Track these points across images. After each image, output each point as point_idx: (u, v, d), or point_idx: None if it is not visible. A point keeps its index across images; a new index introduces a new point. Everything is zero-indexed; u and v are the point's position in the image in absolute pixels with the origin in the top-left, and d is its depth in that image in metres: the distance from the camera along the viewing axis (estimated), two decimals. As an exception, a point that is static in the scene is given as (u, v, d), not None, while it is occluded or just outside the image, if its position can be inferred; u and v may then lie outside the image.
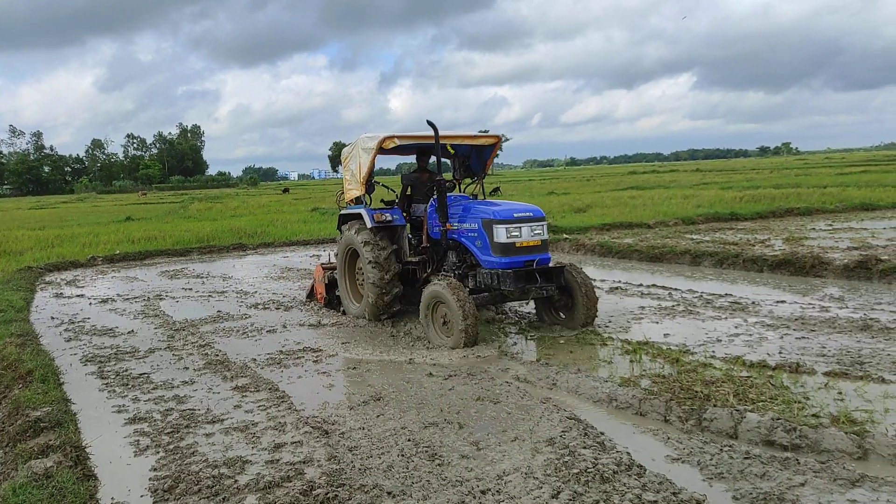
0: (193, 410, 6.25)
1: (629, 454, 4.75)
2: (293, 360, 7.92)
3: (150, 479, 4.84)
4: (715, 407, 5.41)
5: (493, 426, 5.48)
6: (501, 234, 8.03)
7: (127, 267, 17.87)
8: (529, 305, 9.89)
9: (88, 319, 10.83)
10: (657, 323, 8.83)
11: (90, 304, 12.34)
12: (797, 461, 4.59)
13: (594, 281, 10.61)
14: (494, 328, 8.91)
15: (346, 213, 10.23)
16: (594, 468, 4.48)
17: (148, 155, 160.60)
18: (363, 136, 9.56)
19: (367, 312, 9.52)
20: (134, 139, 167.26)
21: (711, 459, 4.71)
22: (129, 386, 7.13)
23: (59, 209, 55.50)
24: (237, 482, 4.69)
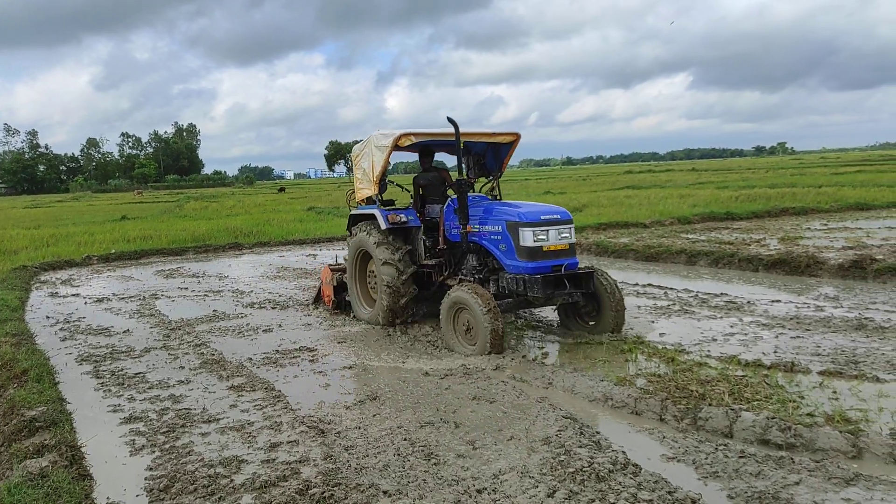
0: (189, 410, 6.24)
1: (625, 453, 4.76)
2: (289, 359, 7.92)
3: (145, 478, 4.83)
4: (710, 406, 5.42)
5: (488, 425, 5.48)
6: (528, 237, 7.65)
7: (122, 266, 17.83)
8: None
9: (84, 319, 10.81)
10: (653, 322, 8.85)
11: (85, 303, 12.31)
12: (792, 460, 4.60)
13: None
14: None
15: (357, 213, 9.92)
16: (590, 467, 4.49)
17: (143, 154, 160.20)
18: (376, 133, 9.24)
19: (380, 317, 9.12)
20: (129, 138, 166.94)
21: (707, 458, 4.72)
22: (124, 385, 7.12)
23: (54, 208, 55.36)
24: (233, 482, 4.68)
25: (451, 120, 8.14)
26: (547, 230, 7.71)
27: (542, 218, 7.74)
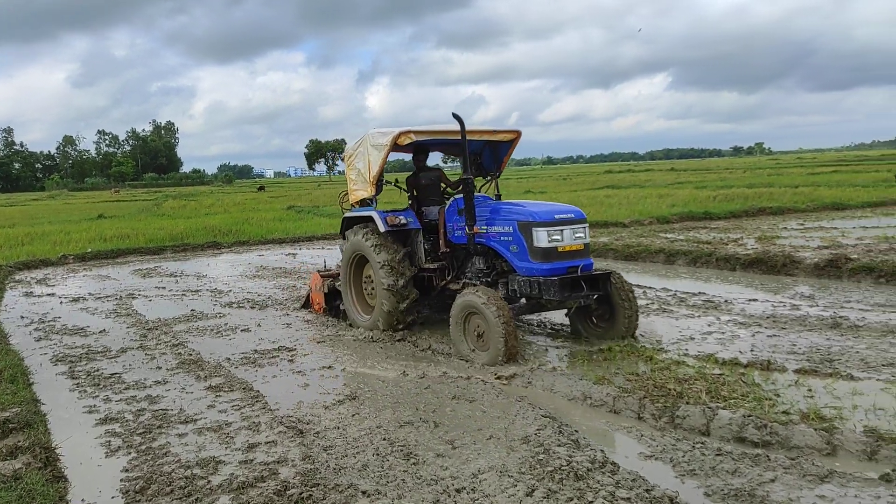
0: (166, 410, 6.19)
1: (603, 452, 4.78)
2: (268, 359, 7.87)
3: (121, 480, 4.79)
4: (688, 404, 5.46)
5: (468, 425, 5.49)
6: (542, 237, 7.27)
7: (99, 265, 17.64)
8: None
9: (59, 319, 10.68)
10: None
11: (61, 303, 12.17)
12: (768, 457, 4.65)
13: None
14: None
15: (351, 216, 9.41)
16: (568, 466, 4.50)
17: (121, 152, 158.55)
18: (372, 131, 8.81)
19: (380, 322, 8.64)
20: (106, 136, 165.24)
21: (684, 456, 4.76)
22: (100, 386, 7.04)
23: (29, 207, 54.66)
24: (210, 483, 4.65)
25: (456, 116, 7.76)
26: (561, 230, 7.35)
27: (556, 217, 7.40)
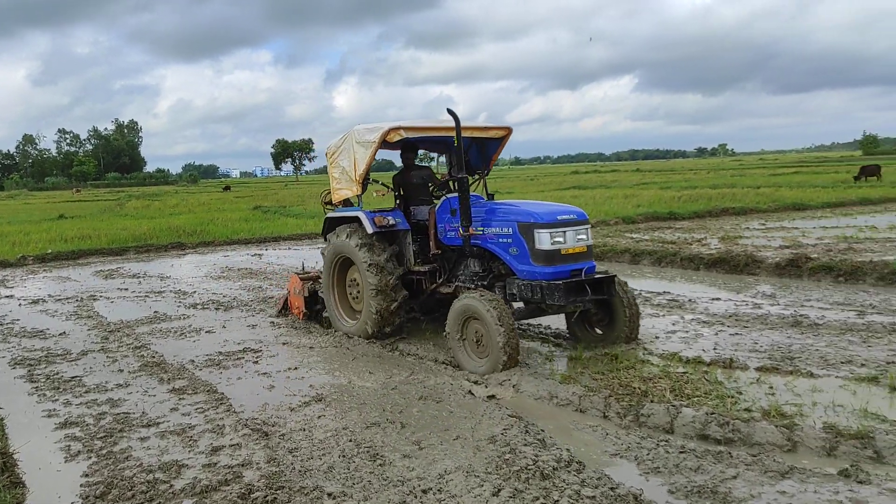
0: (128, 414, 6.09)
1: (569, 451, 4.81)
2: (233, 361, 7.79)
3: (81, 485, 4.69)
4: (652, 403, 5.52)
5: (435, 425, 5.48)
6: (544, 239, 6.94)
7: (59, 267, 17.31)
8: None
9: (18, 321, 10.45)
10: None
11: (20, 305, 11.90)
12: (730, 454, 4.72)
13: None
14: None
15: (335, 216, 9.04)
16: (534, 465, 4.52)
17: (82, 151, 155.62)
18: (358, 127, 8.40)
19: (368, 326, 8.24)
20: (67, 134, 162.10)
21: (648, 454, 4.80)
22: (60, 389, 6.91)
23: (-13, 207, 53.39)
24: (173, 487, 4.58)
25: (451, 112, 7.37)
26: (564, 231, 7.04)
27: (558, 218, 7.09)
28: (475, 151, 8.99)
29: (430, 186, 9.02)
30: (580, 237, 7.19)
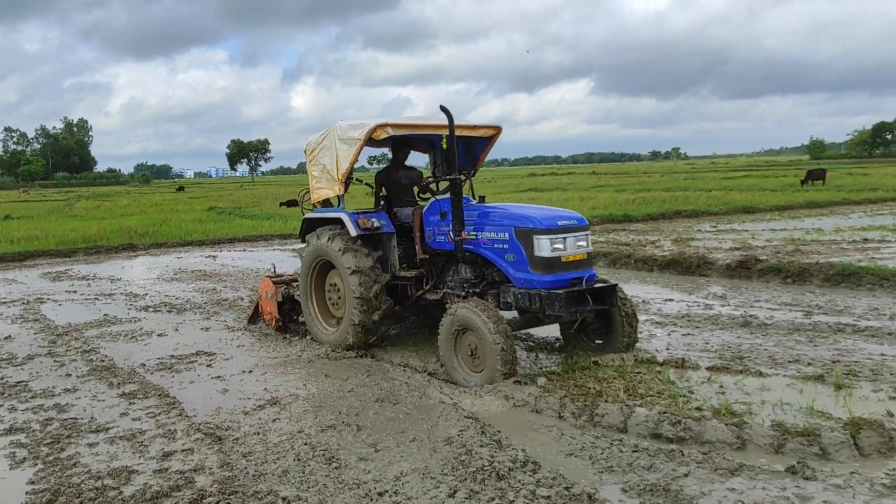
0: (76, 419, 5.94)
1: (524, 451, 4.84)
2: (185, 364, 7.66)
3: (27, 493, 4.57)
4: (607, 403, 5.58)
5: (391, 427, 5.46)
6: (544, 246, 6.55)
7: (5, 268, 16.84)
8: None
9: (-40, 325, 10.12)
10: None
11: (-38, 308, 11.53)
12: (681, 452, 4.79)
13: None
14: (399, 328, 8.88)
15: (314, 217, 8.53)
16: (490, 466, 4.54)
17: (30, 150, 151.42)
18: (340, 123, 7.98)
19: (350, 336, 7.74)
20: (14, 133, 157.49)
21: (602, 453, 4.86)
22: (4, 395, 6.71)
23: (-72, 206, 51.62)
24: (122, 493, 4.48)
25: (444, 109, 7.01)
26: (564, 238, 6.66)
27: (559, 224, 6.70)
28: (462, 151, 8.41)
29: (416, 188, 8.54)
30: (580, 244, 6.82)
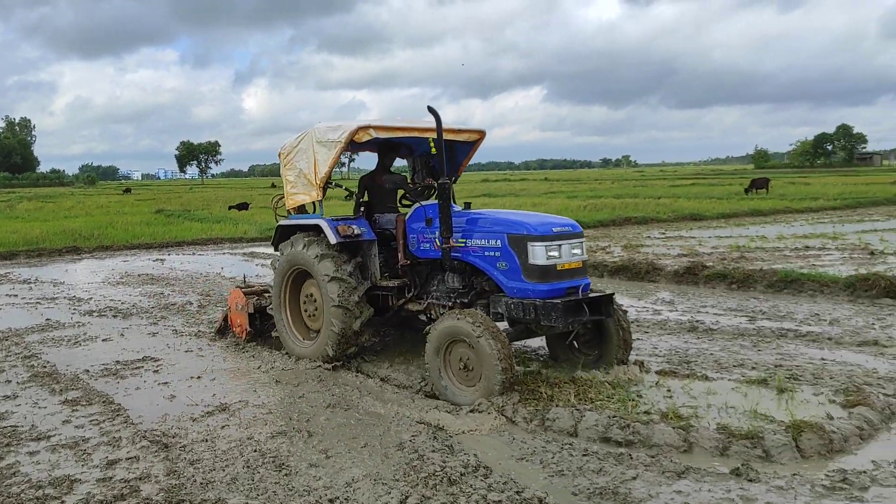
0: (15, 427, 5.76)
1: (476, 456, 4.86)
2: (131, 370, 7.49)
3: (-39, 504, 4.41)
4: (558, 407, 5.63)
5: (343, 433, 5.43)
6: (539, 253, 6.27)
7: (-60, 271, 16.22)
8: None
9: None
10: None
11: None
12: (630, 456, 4.87)
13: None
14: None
15: (289, 224, 8.09)
16: (442, 471, 4.55)
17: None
18: (319, 125, 7.60)
19: (329, 347, 7.32)
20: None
21: (553, 458, 4.90)
22: (-61, 403, 6.46)
23: None
24: (64, 503, 4.36)
25: (431, 110, 6.70)
26: (560, 245, 6.39)
27: (554, 230, 6.45)
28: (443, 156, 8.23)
29: (401, 193, 8.22)
30: (575, 251, 6.56)
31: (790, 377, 6.44)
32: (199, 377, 7.18)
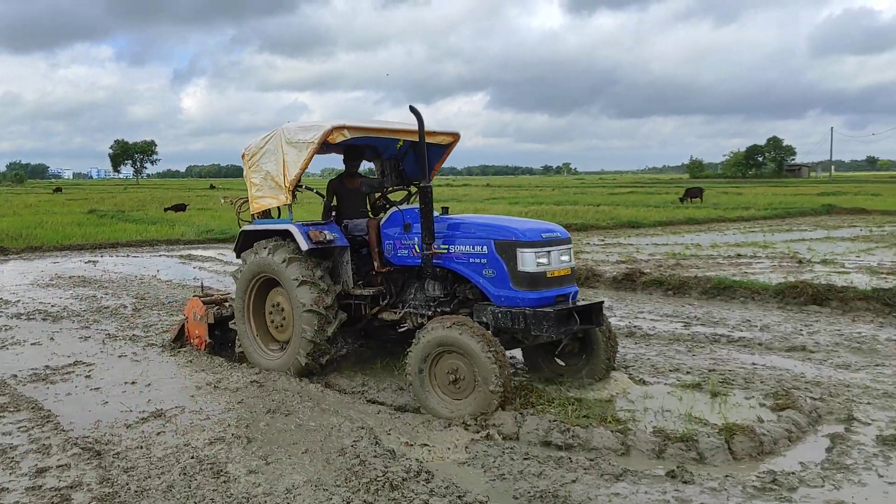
0: (-64, 435, 5.51)
1: (418, 461, 4.86)
2: (61, 375, 7.25)
3: None
4: (500, 411, 5.67)
5: (283, 439, 5.36)
6: (529, 260, 6.06)
7: None
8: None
9: None
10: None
11: None
12: (570, 459, 4.94)
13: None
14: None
15: (253, 230, 7.65)
16: (384, 476, 4.53)
17: None
18: (288, 125, 7.26)
19: (300, 357, 6.91)
20: None
21: (495, 461, 4.94)
22: None
23: None
24: (-11, 514, 4.20)
25: (413, 110, 6.47)
26: (548, 251, 6.19)
27: (543, 236, 6.24)
28: (412, 159, 7.84)
29: (377, 197, 7.91)
30: (563, 258, 6.37)
31: (723, 381, 6.64)
32: (133, 382, 6.99)
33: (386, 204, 7.74)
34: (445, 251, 6.54)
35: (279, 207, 7.55)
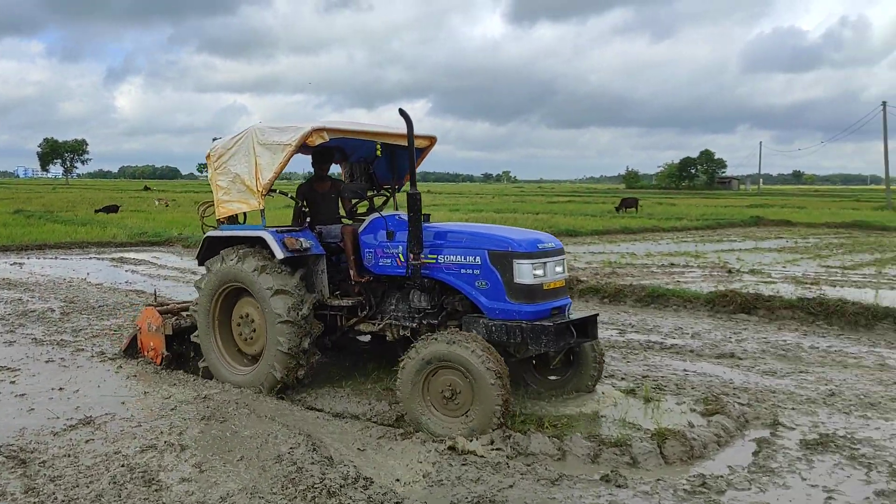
0: None
1: (356, 467, 4.84)
2: (-16, 381, 6.96)
3: None
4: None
5: (218, 446, 5.27)
6: (525, 271, 5.85)
7: None
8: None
9: None
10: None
11: None
12: (507, 465, 4.99)
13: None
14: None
15: (219, 236, 7.19)
16: (321, 483, 4.50)
17: None
18: (260, 125, 6.81)
19: (275, 371, 6.48)
20: None
21: (433, 467, 4.96)
22: None
23: None
24: None
25: (403, 113, 6.25)
26: (545, 263, 6.00)
27: (539, 247, 6.04)
28: (383, 162, 7.67)
29: (353, 202, 7.58)
30: (558, 269, 6.18)
31: (656, 387, 6.81)
32: (61, 389, 6.77)
33: (367, 211, 7.45)
34: (434, 261, 6.27)
35: (244, 213, 7.21)
